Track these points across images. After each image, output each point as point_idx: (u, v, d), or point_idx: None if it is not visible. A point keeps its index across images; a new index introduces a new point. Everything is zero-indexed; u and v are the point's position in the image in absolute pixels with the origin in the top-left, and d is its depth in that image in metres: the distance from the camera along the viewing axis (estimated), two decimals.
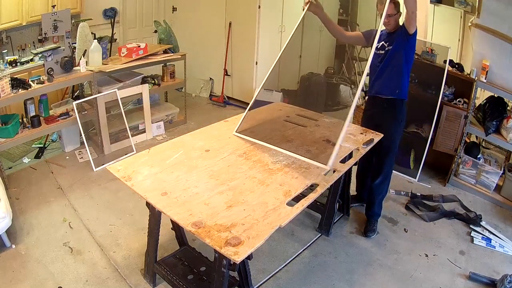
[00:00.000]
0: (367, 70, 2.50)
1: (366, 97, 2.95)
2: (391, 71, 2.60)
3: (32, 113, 3.42)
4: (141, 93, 4.00)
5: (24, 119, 3.36)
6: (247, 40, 4.98)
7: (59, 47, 3.47)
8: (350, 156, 2.36)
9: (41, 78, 3.32)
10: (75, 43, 3.70)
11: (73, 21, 4.01)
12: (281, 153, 2.20)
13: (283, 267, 2.49)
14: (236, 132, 2.47)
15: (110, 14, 4.92)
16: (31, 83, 3.24)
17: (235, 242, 1.47)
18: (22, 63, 3.72)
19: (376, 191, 2.81)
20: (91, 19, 4.42)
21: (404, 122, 2.75)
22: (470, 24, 3.29)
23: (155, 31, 4.79)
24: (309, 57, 5.67)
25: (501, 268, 2.56)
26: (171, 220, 1.96)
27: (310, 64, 5.67)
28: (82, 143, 3.87)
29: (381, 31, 2.64)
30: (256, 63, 5.03)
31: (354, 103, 2.39)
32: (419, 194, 3.30)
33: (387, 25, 2.57)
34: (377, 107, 2.74)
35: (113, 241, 2.64)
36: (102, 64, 3.68)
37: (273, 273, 2.43)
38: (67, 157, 3.74)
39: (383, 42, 2.65)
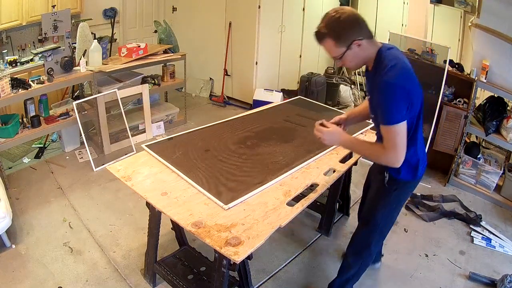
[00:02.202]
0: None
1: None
2: (380, 138, 1.66)
3: (32, 113, 3.42)
4: (141, 93, 4.00)
5: (24, 119, 3.36)
6: (247, 40, 4.97)
7: (59, 47, 3.46)
8: (350, 156, 2.36)
9: (41, 78, 3.31)
10: (75, 43, 3.69)
11: (73, 21, 4.01)
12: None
13: (283, 267, 2.49)
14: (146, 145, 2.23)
15: (110, 14, 4.92)
16: (31, 83, 3.24)
17: (235, 242, 1.47)
18: (22, 63, 3.72)
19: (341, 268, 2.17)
20: (91, 19, 4.43)
21: (403, 198, 1.91)
22: (470, 24, 3.29)
23: (155, 31, 4.79)
24: (309, 57, 5.68)
25: (501, 268, 2.57)
26: (171, 220, 1.96)
27: (310, 64, 5.67)
28: (82, 143, 3.87)
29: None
30: (256, 63, 5.03)
31: None
32: (419, 194, 3.30)
33: (346, 67, 1.77)
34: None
35: (113, 241, 2.64)
36: (102, 64, 3.68)
37: (273, 273, 2.43)
38: (67, 157, 3.74)
39: (367, 90, 1.82)
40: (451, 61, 3.51)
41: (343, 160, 2.23)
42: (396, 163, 1.60)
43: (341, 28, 1.54)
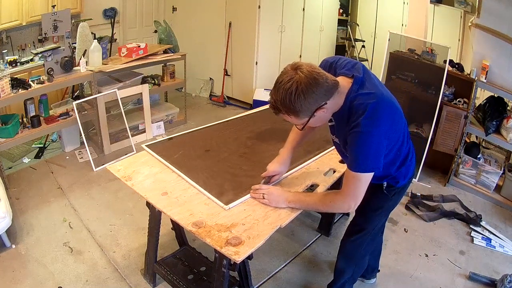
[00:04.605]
0: None
1: None
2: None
3: (32, 113, 3.42)
4: (141, 93, 4.01)
5: (24, 119, 3.36)
6: (247, 40, 4.98)
7: (59, 47, 3.46)
8: None
9: (41, 78, 3.31)
10: (75, 43, 3.69)
11: (73, 21, 4.01)
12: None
13: (283, 267, 2.49)
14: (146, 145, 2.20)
15: (110, 14, 4.93)
16: (31, 83, 3.24)
17: (235, 242, 1.47)
18: (22, 63, 3.72)
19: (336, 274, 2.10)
20: (91, 19, 4.43)
21: (399, 200, 1.89)
22: (470, 24, 3.30)
23: (155, 31, 4.79)
24: (309, 57, 5.68)
25: (501, 268, 2.57)
26: (171, 220, 1.96)
27: None
28: (82, 143, 3.87)
29: None
30: (256, 63, 5.03)
31: None
32: (419, 194, 3.30)
33: (313, 127, 1.69)
34: None
35: (113, 241, 2.64)
36: (102, 64, 3.68)
37: (273, 273, 2.43)
38: (67, 157, 3.74)
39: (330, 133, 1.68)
40: (451, 61, 3.51)
41: (343, 160, 2.23)
42: (349, 210, 1.56)
43: (300, 104, 1.32)
